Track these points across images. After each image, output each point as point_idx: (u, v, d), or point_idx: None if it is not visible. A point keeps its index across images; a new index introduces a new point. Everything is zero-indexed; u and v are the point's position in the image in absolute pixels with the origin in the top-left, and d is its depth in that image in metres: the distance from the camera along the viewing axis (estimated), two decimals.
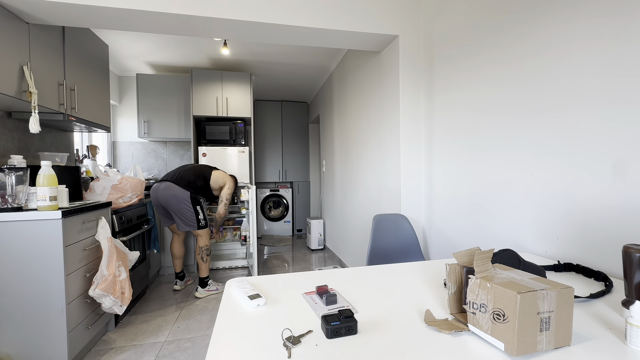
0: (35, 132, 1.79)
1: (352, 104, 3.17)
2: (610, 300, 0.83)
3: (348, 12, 2.04)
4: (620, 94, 1.00)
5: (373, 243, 1.82)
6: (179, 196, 2.59)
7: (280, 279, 1.02)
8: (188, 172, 2.72)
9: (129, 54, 3.43)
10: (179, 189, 2.60)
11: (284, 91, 4.83)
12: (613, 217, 1.02)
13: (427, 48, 2.10)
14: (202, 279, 2.74)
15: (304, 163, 5.37)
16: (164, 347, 1.93)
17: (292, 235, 5.23)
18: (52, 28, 2.01)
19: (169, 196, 2.58)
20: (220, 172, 2.86)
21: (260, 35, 2.11)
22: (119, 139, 3.95)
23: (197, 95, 3.54)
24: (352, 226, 3.29)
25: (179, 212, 2.62)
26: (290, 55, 3.49)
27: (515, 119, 1.40)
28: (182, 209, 2.61)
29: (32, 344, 1.53)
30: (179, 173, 2.70)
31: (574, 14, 1.14)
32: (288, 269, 3.57)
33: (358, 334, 0.67)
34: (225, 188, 2.81)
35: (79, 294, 1.71)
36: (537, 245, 1.31)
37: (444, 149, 1.94)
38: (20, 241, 1.52)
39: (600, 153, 1.06)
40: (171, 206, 2.61)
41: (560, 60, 1.19)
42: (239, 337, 0.67)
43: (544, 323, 0.58)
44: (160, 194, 2.60)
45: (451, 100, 1.85)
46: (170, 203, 2.60)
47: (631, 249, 0.76)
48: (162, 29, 1.99)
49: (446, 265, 0.75)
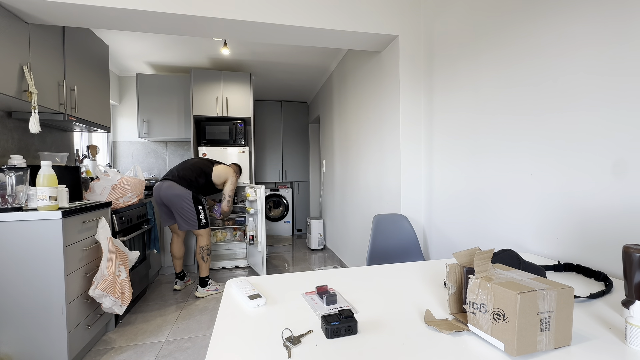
0: (35, 132, 1.79)
1: (352, 104, 3.17)
2: (610, 300, 0.83)
3: (348, 12, 2.04)
4: (620, 94, 1.00)
5: (373, 243, 1.82)
6: (181, 195, 2.60)
7: (280, 279, 1.02)
8: (188, 170, 2.71)
9: (129, 54, 3.43)
10: (181, 188, 2.61)
11: (284, 91, 4.83)
12: (613, 217, 1.02)
13: (427, 48, 2.10)
14: (202, 279, 2.74)
15: (304, 163, 5.37)
16: (164, 347, 1.93)
17: (292, 235, 5.23)
18: (52, 28, 2.01)
19: (172, 195, 2.60)
20: (221, 166, 2.84)
21: (260, 35, 2.11)
22: (119, 139, 3.95)
23: (197, 95, 3.54)
24: (352, 226, 3.29)
25: (180, 210, 2.62)
26: (290, 55, 3.49)
27: (515, 119, 1.40)
28: (183, 208, 2.62)
29: (32, 343, 1.53)
30: (180, 172, 2.70)
31: (574, 13, 1.14)
32: (288, 269, 3.57)
33: (358, 334, 0.67)
34: (228, 184, 2.81)
35: (79, 294, 1.71)
36: (537, 245, 1.31)
37: (444, 149, 1.94)
38: (20, 241, 1.52)
39: (600, 153, 1.06)
40: (173, 205, 2.62)
41: (560, 60, 1.19)
42: (239, 337, 0.67)
43: (544, 323, 0.58)
44: (163, 193, 2.61)
45: (451, 100, 1.85)
46: (173, 202, 2.61)
47: (631, 249, 0.76)
48: (162, 29, 1.99)
49: (446, 265, 0.75)
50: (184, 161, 2.86)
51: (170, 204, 2.63)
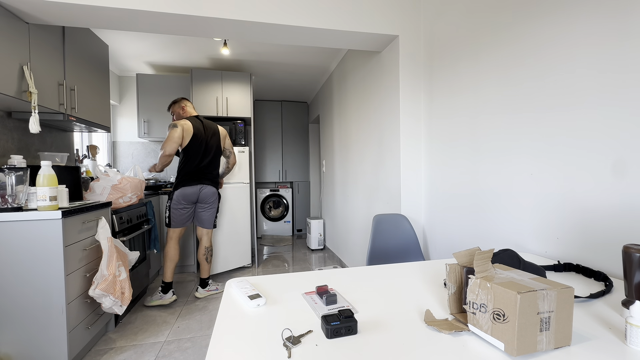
0: (35, 132, 1.79)
1: (352, 104, 3.17)
2: (610, 300, 0.83)
3: (348, 12, 2.04)
4: (620, 94, 1.00)
5: (373, 243, 1.82)
6: (217, 194, 2.73)
7: (280, 279, 1.02)
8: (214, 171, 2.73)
9: (129, 54, 3.43)
10: (216, 188, 2.73)
11: (284, 91, 4.83)
12: (613, 217, 1.02)
13: (427, 48, 2.10)
14: (203, 280, 2.74)
15: (304, 163, 5.37)
16: (164, 347, 1.93)
17: (292, 235, 5.23)
18: (52, 28, 2.01)
19: (212, 193, 2.67)
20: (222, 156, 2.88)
21: (260, 35, 2.11)
22: (119, 139, 3.95)
23: (197, 95, 3.54)
24: (352, 226, 3.29)
25: (214, 209, 2.73)
26: (290, 55, 3.49)
27: (515, 119, 1.40)
28: (216, 207, 2.75)
29: (32, 344, 1.53)
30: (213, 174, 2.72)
31: (574, 13, 1.14)
32: (288, 269, 3.57)
33: (358, 334, 0.67)
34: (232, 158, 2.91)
35: (79, 294, 1.71)
36: (537, 245, 1.31)
37: (444, 149, 1.94)
38: (20, 241, 1.52)
39: (600, 153, 1.06)
40: (212, 202, 2.69)
41: (560, 60, 1.19)
42: (239, 337, 0.67)
43: (544, 323, 0.58)
44: (208, 190, 2.64)
45: (451, 100, 1.85)
46: (212, 199, 2.69)
47: (631, 249, 0.76)
48: (162, 29, 1.99)
49: (446, 265, 0.75)
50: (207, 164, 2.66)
51: (206, 201, 2.67)
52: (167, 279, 2.56)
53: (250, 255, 3.55)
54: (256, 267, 3.62)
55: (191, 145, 2.54)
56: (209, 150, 2.64)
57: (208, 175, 2.65)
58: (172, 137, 2.46)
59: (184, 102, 2.71)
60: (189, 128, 2.52)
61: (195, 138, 2.54)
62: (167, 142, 2.44)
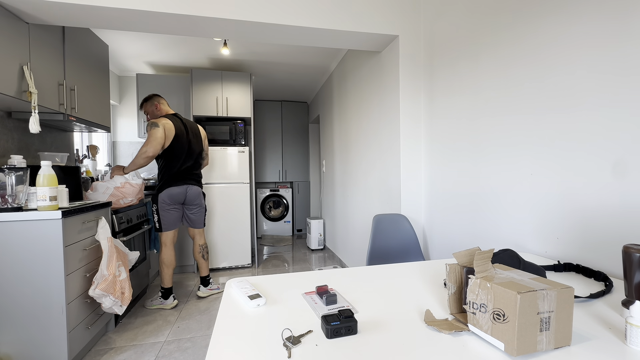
0: (35, 132, 1.79)
1: (352, 104, 3.17)
2: (610, 300, 0.83)
3: (348, 12, 2.04)
4: (621, 95, 1.00)
5: (373, 243, 1.82)
6: (202, 193, 2.70)
7: (280, 279, 1.02)
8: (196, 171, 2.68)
9: (129, 54, 3.43)
10: (201, 187, 2.70)
11: (284, 91, 4.83)
12: (613, 217, 1.02)
13: (427, 48, 2.10)
14: (204, 278, 2.74)
15: (304, 163, 5.37)
16: (164, 347, 1.93)
17: (292, 235, 5.23)
18: (52, 28, 2.01)
19: (198, 194, 2.63)
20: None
21: (260, 35, 2.11)
22: (119, 139, 3.95)
23: (197, 95, 3.54)
24: (352, 226, 3.29)
25: (202, 208, 2.72)
26: (290, 55, 3.49)
27: (515, 120, 1.40)
28: (204, 206, 2.74)
29: (32, 344, 1.53)
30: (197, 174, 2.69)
31: (575, 14, 1.14)
32: (288, 269, 3.57)
33: (358, 334, 0.67)
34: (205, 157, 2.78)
35: (79, 294, 1.71)
36: (537, 245, 1.31)
37: (444, 149, 1.94)
38: (20, 241, 1.52)
39: (601, 153, 1.06)
40: (199, 202, 2.66)
41: (561, 61, 1.19)
42: (239, 337, 0.67)
43: (544, 323, 0.58)
44: (194, 190, 2.59)
45: (451, 100, 1.85)
46: (198, 200, 2.65)
47: (631, 249, 0.76)
48: (162, 29, 1.99)
49: (446, 265, 0.75)
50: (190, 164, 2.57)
51: (193, 202, 2.62)
52: (166, 284, 2.50)
53: (250, 255, 3.55)
54: (256, 267, 3.61)
55: (173, 146, 2.40)
56: (192, 152, 2.54)
57: (193, 175, 2.61)
58: (154, 137, 2.29)
59: (156, 99, 2.54)
60: (170, 128, 2.37)
61: (177, 138, 2.41)
62: (150, 143, 2.27)
